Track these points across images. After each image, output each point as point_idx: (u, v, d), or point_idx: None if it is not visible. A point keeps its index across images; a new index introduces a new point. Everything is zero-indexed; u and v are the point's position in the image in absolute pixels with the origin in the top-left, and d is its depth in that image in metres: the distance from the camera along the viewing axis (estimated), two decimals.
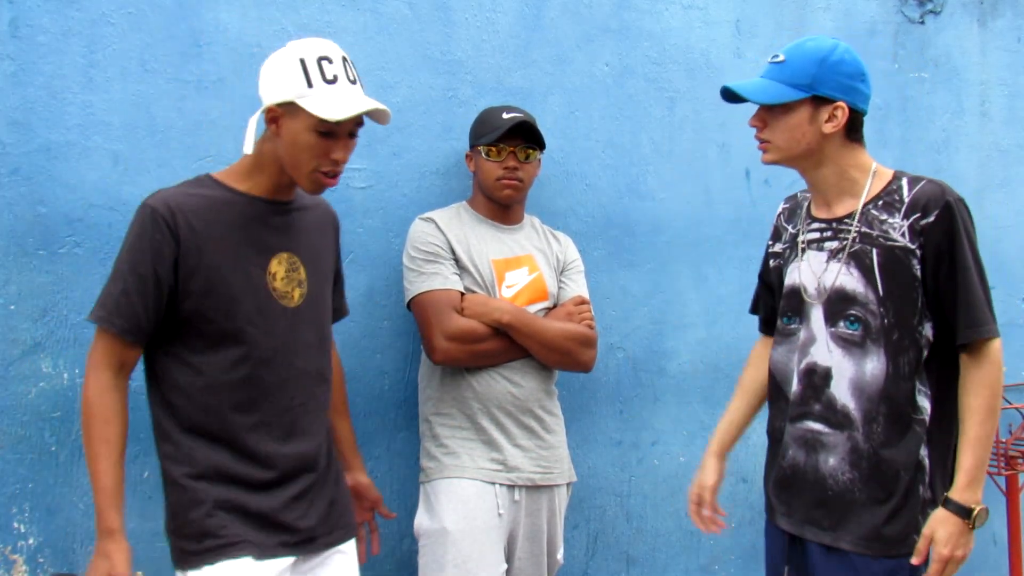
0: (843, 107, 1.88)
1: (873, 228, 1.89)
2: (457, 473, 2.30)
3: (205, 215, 1.83)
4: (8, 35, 2.15)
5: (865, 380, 1.88)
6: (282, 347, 1.88)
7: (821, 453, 1.93)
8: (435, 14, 2.63)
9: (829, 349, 1.92)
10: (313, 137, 1.81)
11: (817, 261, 1.96)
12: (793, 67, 1.90)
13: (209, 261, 1.81)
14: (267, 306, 1.87)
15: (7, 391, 2.14)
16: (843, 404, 1.90)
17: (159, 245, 1.78)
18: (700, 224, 3.01)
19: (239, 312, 1.83)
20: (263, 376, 1.86)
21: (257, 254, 1.87)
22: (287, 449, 1.89)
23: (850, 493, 1.89)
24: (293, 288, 1.91)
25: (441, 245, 2.36)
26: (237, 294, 1.83)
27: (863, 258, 1.89)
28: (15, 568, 2.14)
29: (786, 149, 1.92)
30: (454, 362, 2.31)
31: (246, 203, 1.88)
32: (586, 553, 2.84)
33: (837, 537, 1.89)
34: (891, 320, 1.86)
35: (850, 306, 1.90)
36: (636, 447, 2.91)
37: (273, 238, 1.90)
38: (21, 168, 2.16)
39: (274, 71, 1.84)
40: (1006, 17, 3.61)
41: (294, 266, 1.92)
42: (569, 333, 2.39)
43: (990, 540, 3.41)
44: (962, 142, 3.50)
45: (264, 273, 1.87)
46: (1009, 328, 3.64)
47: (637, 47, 2.92)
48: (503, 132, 2.36)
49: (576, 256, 2.57)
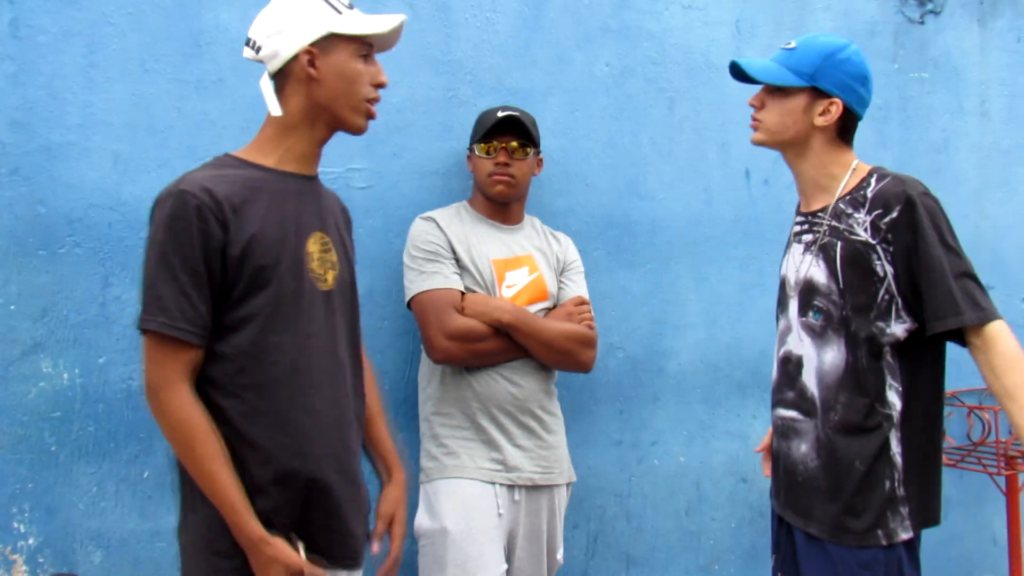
0: (838, 103, 1.93)
1: (840, 222, 1.93)
2: (457, 473, 2.30)
3: (243, 195, 1.66)
4: (8, 35, 2.15)
5: (825, 369, 1.93)
6: (319, 332, 1.73)
7: (794, 440, 1.99)
8: (435, 14, 2.63)
9: (800, 338, 1.98)
10: (359, 63, 1.74)
11: (797, 253, 2.03)
12: (801, 55, 1.95)
13: (255, 243, 1.66)
14: (309, 289, 1.73)
15: (7, 391, 2.14)
16: (811, 392, 1.96)
17: (206, 235, 1.61)
18: (700, 224, 3.01)
19: (284, 296, 1.68)
20: (305, 367, 1.70)
21: (296, 233, 1.73)
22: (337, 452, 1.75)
23: (815, 480, 1.94)
24: (327, 270, 1.78)
25: (442, 244, 2.36)
26: (284, 278, 1.69)
27: (829, 250, 1.93)
28: (15, 568, 2.14)
29: (774, 132, 1.98)
30: (454, 361, 2.31)
31: (278, 179, 1.74)
32: (586, 553, 2.84)
33: (807, 523, 1.95)
34: (848, 312, 1.90)
35: (816, 296, 1.95)
36: (636, 447, 2.91)
37: (306, 216, 1.75)
38: (21, 168, 2.16)
39: (291, 16, 1.72)
40: (1006, 17, 3.61)
41: (327, 247, 1.79)
42: (569, 333, 2.39)
43: (990, 540, 3.41)
44: (962, 142, 3.50)
45: (304, 253, 1.73)
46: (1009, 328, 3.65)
47: (637, 47, 2.92)
48: (490, 127, 2.38)
49: (576, 256, 2.58)
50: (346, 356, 1.80)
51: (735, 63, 2.02)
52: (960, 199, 3.47)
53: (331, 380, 1.75)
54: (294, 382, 1.68)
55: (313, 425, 1.70)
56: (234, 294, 1.65)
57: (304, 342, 1.70)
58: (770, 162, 3.09)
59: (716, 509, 3.02)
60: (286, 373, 1.67)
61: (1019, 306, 3.64)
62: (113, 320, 2.23)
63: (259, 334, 1.66)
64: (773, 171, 3.09)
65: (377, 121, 2.50)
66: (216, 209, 1.62)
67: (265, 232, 1.67)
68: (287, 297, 1.68)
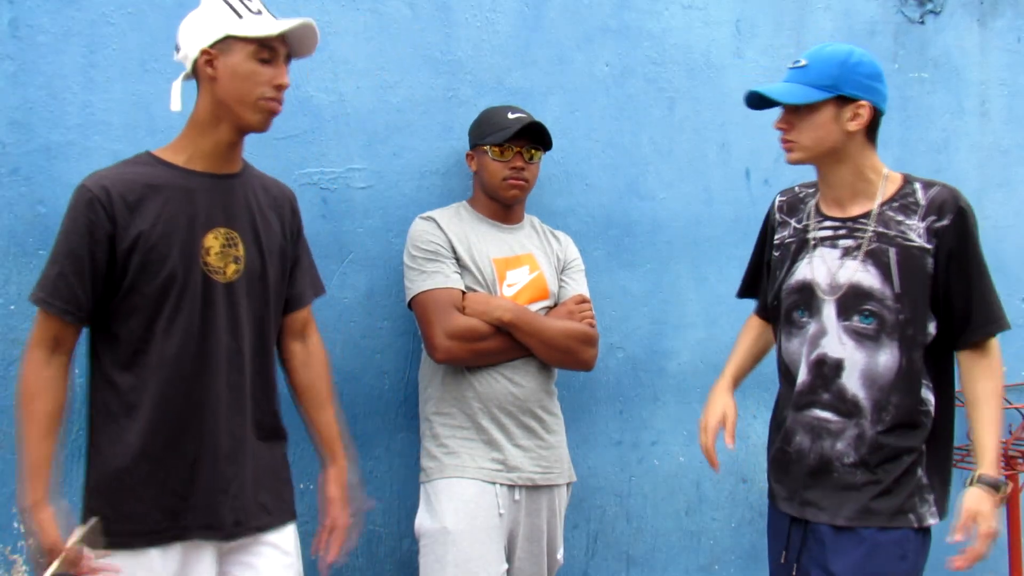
0: (866, 106, 1.97)
1: (890, 228, 1.99)
2: (458, 473, 2.30)
3: (140, 192, 1.84)
4: (8, 35, 2.16)
5: (877, 372, 1.98)
6: (210, 322, 1.88)
7: (827, 439, 2.02)
8: (435, 14, 2.63)
9: (841, 341, 2.01)
10: (254, 64, 1.85)
11: (831, 258, 2.04)
12: (816, 70, 1.98)
13: (144, 239, 1.82)
14: (202, 281, 1.87)
15: (7, 391, 2.14)
16: (853, 394, 2.00)
17: (93, 226, 1.80)
18: (700, 224, 3.01)
19: (172, 288, 1.84)
20: (193, 350, 1.86)
21: (191, 228, 1.87)
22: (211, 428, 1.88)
23: (851, 475, 1.99)
24: (227, 263, 1.91)
25: (442, 244, 2.36)
26: (171, 269, 1.84)
27: (880, 256, 1.98)
28: (15, 568, 2.14)
29: (812, 148, 2.01)
30: (455, 361, 2.31)
31: (182, 177, 1.88)
32: (586, 553, 2.84)
33: (836, 515, 1.99)
34: (906, 315, 1.97)
35: (866, 301, 1.99)
36: (636, 447, 2.91)
37: (208, 212, 1.89)
38: (21, 168, 2.16)
39: (197, 20, 1.89)
40: (1006, 17, 3.61)
41: (232, 241, 1.92)
42: (570, 331, 2.39)
43: None
44: (962, 142, 3.50)
45: (198, 248, 1.87)
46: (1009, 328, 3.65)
47: (637, 47, 2.92)
48: (513, 133, 2.37)
49: (576, 255, 2.58)
50: (248, 344, 1.94)
51: (756, 92, 2.04)
52: None
53: (220, 365, 1.89)
54: (178, 365, 1.85)
55: (189, 404, 1.86)
56: (124, 283, 1.83)
57: (190, 330, 1.86)
58: (770, 162, 3.09)
59: (716, 509, 3.02)
60: (171, 356, 1.85)
61: (1019, 306, 3.64)
62: None
63: (147, 320, 1.84)
64: (773, 171, 3.09)
65: (377, 121, 2.54)
66: (107, 204, 1.80)
67: (155, 228, 1.83)
68: (175, 288, 1.84)
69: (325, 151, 2.47)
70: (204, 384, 1.88)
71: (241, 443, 1.92)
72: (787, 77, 2.04)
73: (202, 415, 1.88)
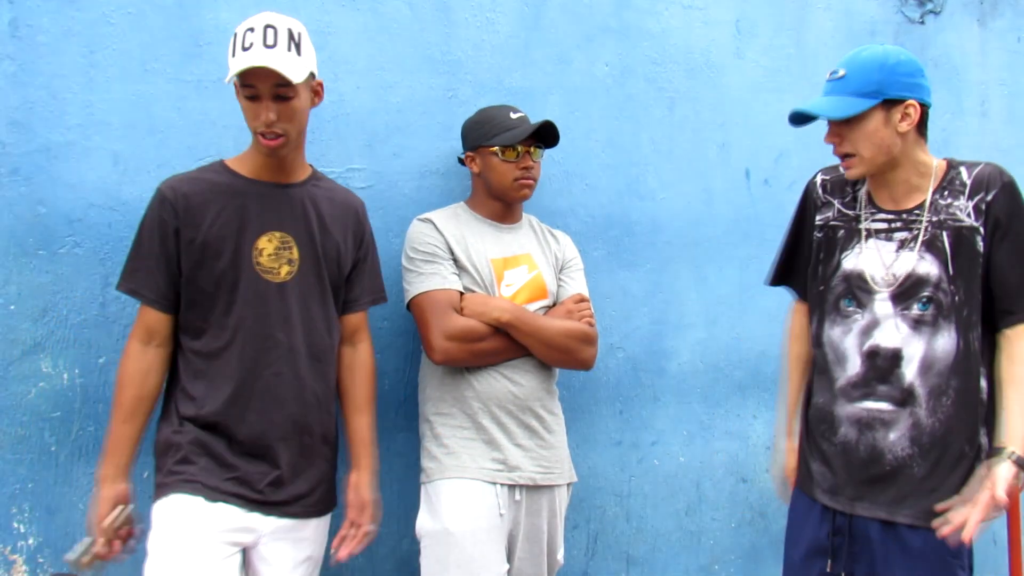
0: (914, 104, 1.96)
1: (941, 214, 1.98)
2: (458, 473, 2.30)
3: (204, 195, 2.01)
4: (8, 35, 2.16)
5: (936, 356, 1.96)
6: (262, 318, 2.02)
7: (880, 430, 2.00)
8: (435, 14, 2.63)
9: (898, 330, 1.99)
10: (244, 101, 1.98)
11: (886, 250, 2.03)
12: (857, 78, 1.96)
13: (202, 237, 1.99)
14: (251, 279, 2.01)
15: (7, 391, 2.14)
16: (910, 382, 1.98)
17: (164, 222, 1.99)
18: (700, 224, 3.01)
19: (224, 283, 2.00)
20: (243, 344, 2.00)
21: (245, 231, 2.02)
22: (256, 417, 2.01)
23: (908, 468, 1.96)
24: (281, 265, 2.05)
25: (439, 245, 2.36)
26: (224, 267, 2.00)
27: (935, 243, 1.98)
28: (15, 568, 2.14)
29: (872, 158, 1.99)
30: (454, 362, 2.31)
31: (243, 184, 2.05)
32: (586, 553, 2.84)
33: (893, 511, 1.95)
34: (961, 297, 1.95)
35: (923, 288, 1.98)
36: (636, 447, 2.91)
37: (264, 217, 2.04)
38: (21, 168, 2.16)
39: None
40: (1006, 17, 3.61)
41: (286, 244, 2.06)
42: (569, 331, 2.39)
43: (990, 540, 3.41)
44: (962, 142, 3.50)
45: (251, 249, 2.02)
46: None
47: (637, 47, 2.92)
48: (528, 133, 2.37)
49: (575, 254, 2.57)
50: (301, 341, 2.06)
51: (801, 112, 2.01)
52: None
53: (266, 358, 2.02)
54: (228, 356, 2.00)
55: (238, 395, 2.00)
56: (185, 273, 2.00)
57: (241, 324, 2.00)
58: (770, 162, 3.09)
59: (716, 509, 3.02)
60: (222, 348, 2.00)
61: None
62: (113, 320, 2.23)
63: (205, 312, 2.01)
64: (773, 171, 3.09)
65: (377, 121, 2.54)
66: (175, 202, 2.00)
67: (212, 228, 2.00)
68: (227, 285, 2.00)
69: (325, 151, 2.47)
70: (253, 376, 2.01)
71: (285, 438, 2.04)
72: (827, 90, 2.01)
73: (247, 403, 2.00)
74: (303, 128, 2.06)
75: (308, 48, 2.01)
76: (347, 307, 2.20)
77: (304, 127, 2.07)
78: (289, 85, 1.94)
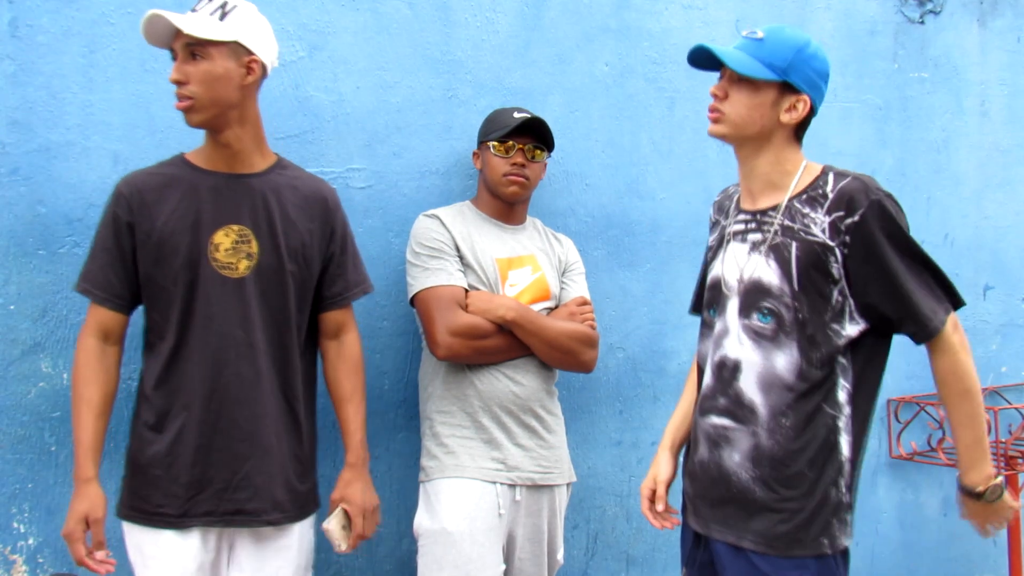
0: (806, 100, 1.85)
1: (795, 222, 1.84)
2: (457, 473, 2.30)
3: (159, 190, 1.98)
4: (8, 35, 2.15)
5: (775, 374, 1.82)
6: (220, 315, 1.97)
7: (725, 448, 1.87)
8: (435, 14, 2.63)
9: (740, 342, 1.87)
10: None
11: (740, 253, 1.92)
12: (772, 48, 1.84)
13: (157, 233, 1.95)
14: (208, 276, 1.96)
15: (7, 391, 2.14)
16: (750, 399, 1.85)
17: (119, 219, 1.96)
18: (700, 224, 3.00)
19: (181, 280, 1.95)
20: (203, 343, 1.96)
21: (201, 225, 1.97)
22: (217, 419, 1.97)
23: (751, 492, 1.83)
24: (239, 260, 1.99)
25: (445, 241, 2.36)
26: (181, 263, 1.95)
27: (782, 251, 1.84)
28: (15, 568, 2.14)
29: (739, 125, 1.88)
30: (457, 358, 2.31)
31: (199, 177, 2.00)
32: (586, 553, 2.84)
33: (740, 536, 1.84)
34: (804, 315, 1.81)
35: (764, 298, 1.85)
36: (636, 447, 2.91)
37: (221, 210, 1.99)
38: (21, 168, 2.16)
39: None
40: (1006, 17, 3.61)
41: (244, 238, 1.99)
42: (572, 332, 2.39)
43: (990, 540, 3.41)
44: (962, 142, 3.50)
45: (208, 244, 1.97)
46: (1009, 328, 3.65)
47: (637, 47, 2.92)
48: (513, 128, 2.38)
49: (578, 258, 2.58)
50: (262, 338, 2.00)
51: (704, 47, 1.91)
52: (960, 199, 3.47)
53: (225, 356, 1.97)
54: (188, 354, 1.96)
55: (197, 394, 1.96)
56: (142, 273, 1.97)
57: (200, 321, 1.96)
58: None
59: None
60: (181, 346, 1.96)
61: (1019, 306, 3.65)
62: None
63: (165, 310, 1.97)
64: None
65: (377, 121, 2.54)
66: (129, 197, 1.96)
67: (168, 223, 1.95)
68: (184, 281, 1.95)
69: (325, 151, 2.47)
70: (213, 375, 1.96)
71: (250, 436, 1.98)
72: (740, 45, 1.90)
73: (207, 405, 1.96)
74: (221, 99, 1.93)
75: (243, 21, 1.94)
76: (331, 303, 2.13)
77: (225, 99, 1.93)
78: (199, 44, 1.89)
